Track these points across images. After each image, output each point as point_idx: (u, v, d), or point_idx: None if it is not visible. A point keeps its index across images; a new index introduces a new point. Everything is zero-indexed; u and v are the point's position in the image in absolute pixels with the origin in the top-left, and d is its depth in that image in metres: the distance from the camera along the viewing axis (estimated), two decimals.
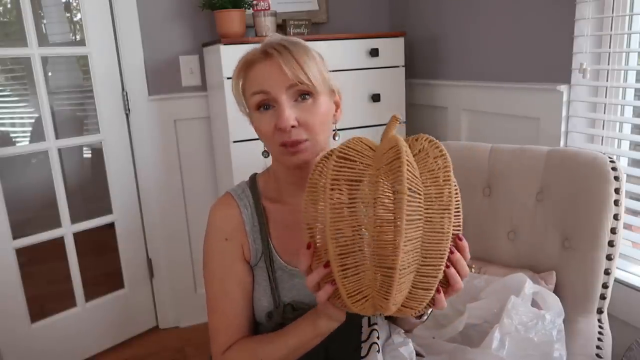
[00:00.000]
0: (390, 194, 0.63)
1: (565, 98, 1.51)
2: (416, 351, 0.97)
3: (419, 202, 0.63)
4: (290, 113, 0.84)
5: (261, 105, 0.87)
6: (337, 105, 0.95)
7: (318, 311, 0.80)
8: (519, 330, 0.93)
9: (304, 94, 0.86)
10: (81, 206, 2.37)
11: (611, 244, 1.12)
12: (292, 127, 0.84)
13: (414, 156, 0.68)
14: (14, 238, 1.83)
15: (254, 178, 1.01)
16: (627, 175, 1.37)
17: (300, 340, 0.83)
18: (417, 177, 0.64)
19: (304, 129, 0.85)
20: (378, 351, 0.80)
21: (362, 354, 0.82)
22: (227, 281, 0.93)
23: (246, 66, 0.88)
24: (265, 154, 0.97)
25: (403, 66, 1.99)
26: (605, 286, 1.14)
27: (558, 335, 0.95)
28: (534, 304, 1.03)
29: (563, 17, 1.49)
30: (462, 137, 1.95)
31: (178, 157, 2.14)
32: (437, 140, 0.71)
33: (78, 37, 3.04)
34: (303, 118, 0.85)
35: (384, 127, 0.78)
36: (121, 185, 2.07)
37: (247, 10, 1.90)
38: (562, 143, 1.54)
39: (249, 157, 1.75)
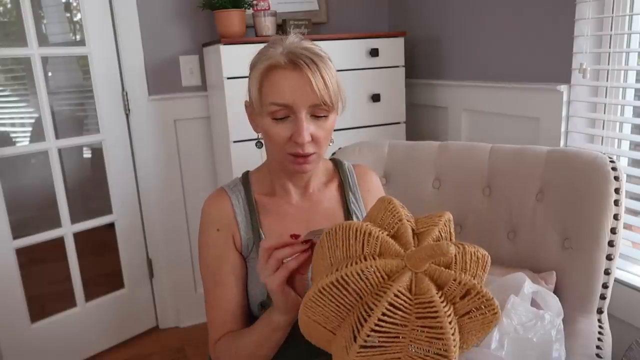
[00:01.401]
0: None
1: (565, 98, 1.51)
2: None
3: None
4: (308, 129, 0.86)
5: (278, 116, 0.87)
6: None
7: (273, 304, 0.82)
8: (517, 330, 0.93)
9: (321, 112, 0.88)
10: (81, 206, 2.37)
11: (611, 244, 1.12)
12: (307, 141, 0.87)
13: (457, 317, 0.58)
14: (14, 238, 1.83)
15: (246, 174, 1.03)
16: (627, 175, 1.37)
17: (262, 335, 0.85)
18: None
19: (314, 143, 0.88)
20: None
21: None
22: (220, 271, 0.95)
23: (268, 69, 0.87)
24: (259, 144, 0.98)
25: (403, 66, 1.99)
26: (605, 286, 1.14)
27: (557, 335, 0.95)
28: (534, 303, 1.03)
29: (563, 17, 1.49)
30: (462, 137, 1.95)
31: (178, 157, 2.14)
32: (493, 301, 0.59)
33: (78, 37, 3.03)
34: (316, 134, 0.88)
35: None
36: (121, 185, 2.07)
37: (247, 10, 1.90)
38: (562, 143, 1.54)
39: (249, 157, 1.75)
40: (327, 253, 0.63)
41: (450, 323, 0.56)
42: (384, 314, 0.55)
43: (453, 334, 0.56)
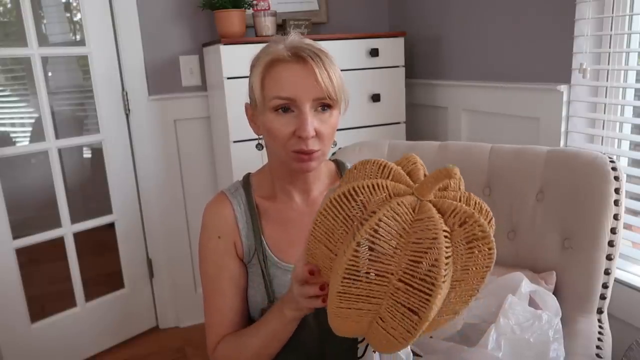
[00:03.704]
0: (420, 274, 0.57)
1: (565, 98, 1.51)
2: (413, 351, 0.96)
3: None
4: (312, 123, 0.85)
5: (280, 107, 0.86)
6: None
7: (284, 300, 0.81)
8: (514, 330, 0.92)
9: (324, 106, 0.87)
10: (81, 206, 2.37)
11: (611, 244, 1.12)
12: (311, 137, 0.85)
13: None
14: (14, 238, 1.83)
15: (247, 177, 1.02)
16: (627, 175, 1.37)
17: (272, 330, 0.84)
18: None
19: (318, 139, 0.86)
20: (374, 351, 0.80)
21: (359, 355, 0.82)
22: (219, 278, 0.95)
23: (271, 63, 0.86)
24: (260, 147, 0.97)
25: (403, 66, 1.99)
26: (605, 286, 1.14)
27: (555, 335, 0.94)
28: (533, 303, 1.03)
29: (563, 17, 1.49)
30: (462, 137, 1.95)
31: (178, 157, 2.14)
32: (488, 235, 0.60)
33: (78, 37, 3.04)
34: (320, 129, 0.86)
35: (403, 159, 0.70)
36: (121, 185, 2.07)
37: (247, 10, 1.90)
38: (562, 143, 1.54)
39: (249, 157, 1.75)
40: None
41: (446, 238, 0.57)
42: (385, 215, 0.57)
43: (448, 248, 0.57)
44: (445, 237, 0.57)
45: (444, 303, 0.61)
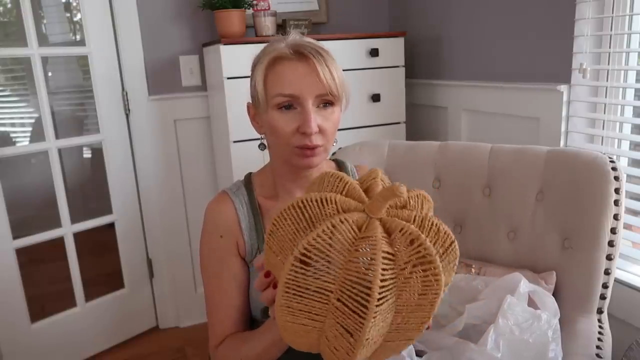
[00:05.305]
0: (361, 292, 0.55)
1: (565, 98, 1.51)
2: (417, 348, 0.96)
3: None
4: (315, 119, 0.85)
5: (283, 105, 0.87)
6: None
7: None
8: (513, 331, 0.93)
9: (326, 103, 0.88)
10: (81, 206, 2.37)
11: (611, 244, 1.12)
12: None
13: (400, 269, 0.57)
14: (14, 238, 1.83)
15: (248, 177, 1.02)
16: (627, 175, 1.37)
17: (273, 337, 0.83)
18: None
19: (321, 135, 0.87)
20: None
21: None
22: (222, 277, 0.95)
23: (274, 61, 0.87)
24: (262, 146, 0.97)
25: (403, 66, 1.99)
26: (605, 286, 1.14)
27: (554, 335, 0.95)
28: (532, 303, 1.03)
29: (563, 17, 1.49)
30: (462, 137, 1.95)
31: (178, 157, 2.14)
32: (428, 251, 0.56)
33: (78, 37, 3.04)
34: (322, 125, 0.87)
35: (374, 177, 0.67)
36: (121, 185, 2.07)
37: (247, 10, 1.90)
38: (562, 143, 1.54)
39: (249, 157, 1.75)
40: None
41: (388, 260, 0.55)
42: (324, 232, 0.55)
43: (387, 270, 0.55)
44: (388, 258, 0.55)
45: (391, 328, 0.58)
